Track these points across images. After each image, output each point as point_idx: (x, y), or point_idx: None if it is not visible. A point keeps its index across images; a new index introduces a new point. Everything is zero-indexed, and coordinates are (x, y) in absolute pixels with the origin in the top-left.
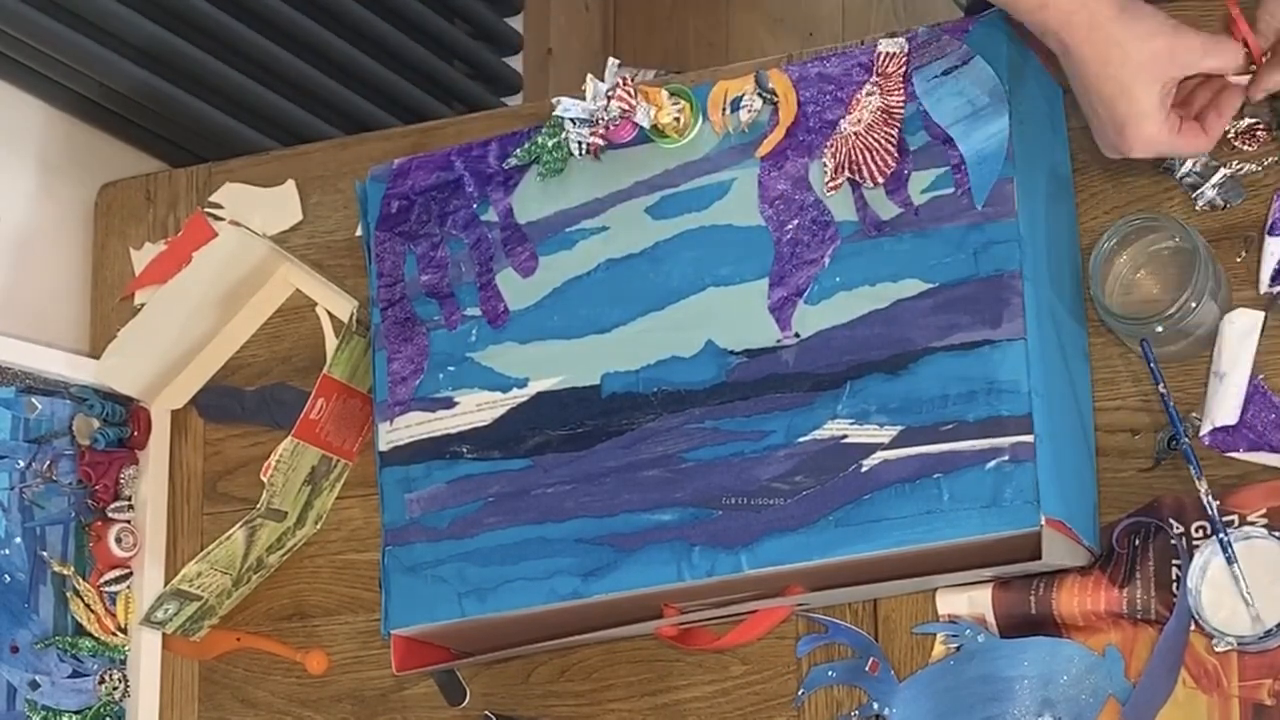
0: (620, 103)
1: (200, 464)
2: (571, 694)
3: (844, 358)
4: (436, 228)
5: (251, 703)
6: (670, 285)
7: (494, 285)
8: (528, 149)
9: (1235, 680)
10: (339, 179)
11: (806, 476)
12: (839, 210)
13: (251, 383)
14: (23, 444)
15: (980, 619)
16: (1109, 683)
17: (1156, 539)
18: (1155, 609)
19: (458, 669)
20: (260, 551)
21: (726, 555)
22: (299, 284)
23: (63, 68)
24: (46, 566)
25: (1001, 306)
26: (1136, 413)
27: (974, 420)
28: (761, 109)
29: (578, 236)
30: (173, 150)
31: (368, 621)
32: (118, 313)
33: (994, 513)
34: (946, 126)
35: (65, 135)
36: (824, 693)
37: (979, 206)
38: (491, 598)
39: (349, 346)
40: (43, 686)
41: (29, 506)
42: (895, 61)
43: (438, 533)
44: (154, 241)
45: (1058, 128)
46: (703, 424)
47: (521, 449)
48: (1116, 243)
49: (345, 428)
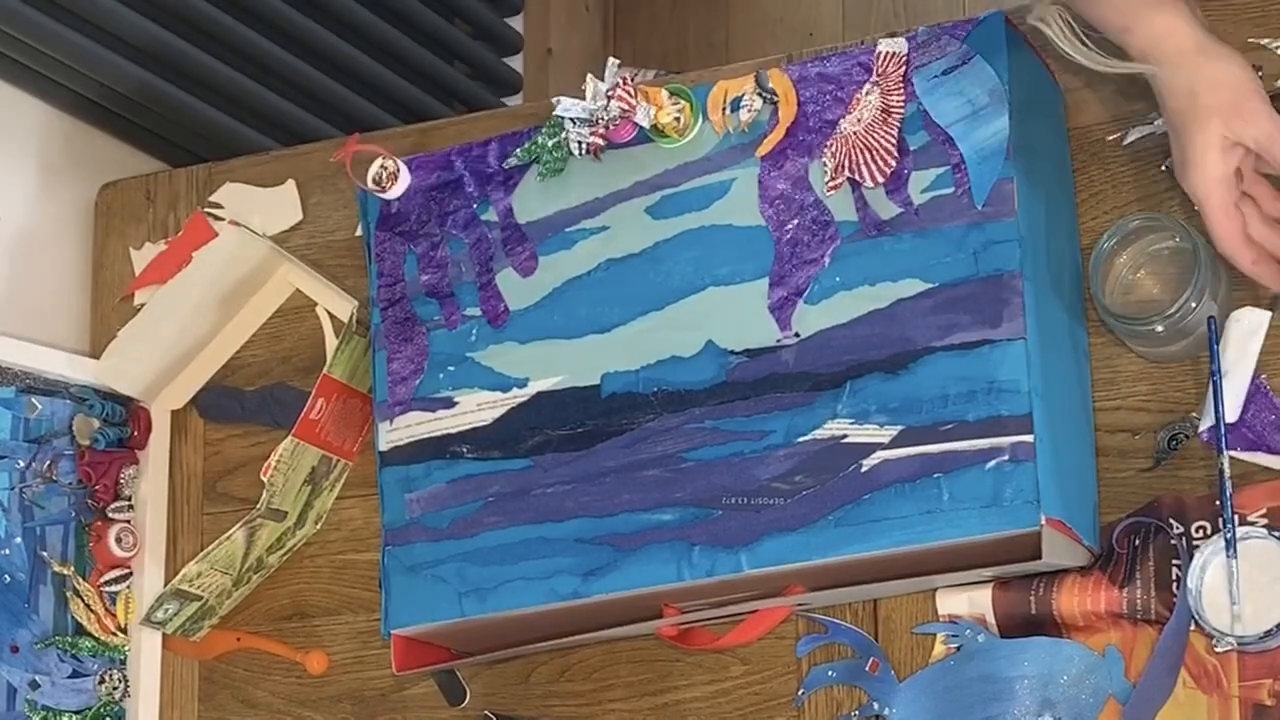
0: (620, 103)
1: (200, 464)
2: (571, 694)
3: (844, 357)
4: (436, 228)
5: (251, 703)
6: (670, 285)
7: (494, 285)
8: (528, 149)
9: (1235, 680)
10: (339, 179)
11: (806, 476)
12: (839, 210)
13: (251, 383)
14: (23, 444)
15: (980, 619)
16: (1109, 683)
17: (1156, 539)
18: (1155, 609)
19: (458, 669)
20: (260, 551)
21: (726, 555)
22: (299, 284)
23: (63, 68)
24: (46, 566)
25: (1001, 306)
26: (1136, 413)
27: (974, 420)
28: (761, 109)
29: (578, 236)
30: (173, 150)
31: (368, 621)
32: (118, 313)
33: (994, 513)
34: (946, 126)
35: (65, 135)
36: (824, 693)
37: (979, 206)
38: (491, 598)
39: (349, 346)
40: (43, 686)
41: (29, 506)
42: (895, 61)
43: (438, 532)
44: (154, 241)
45: (1058, 128)
46: (703, 424)
47: (521, 449)
48: (1116, 243)
49: (345, 428)
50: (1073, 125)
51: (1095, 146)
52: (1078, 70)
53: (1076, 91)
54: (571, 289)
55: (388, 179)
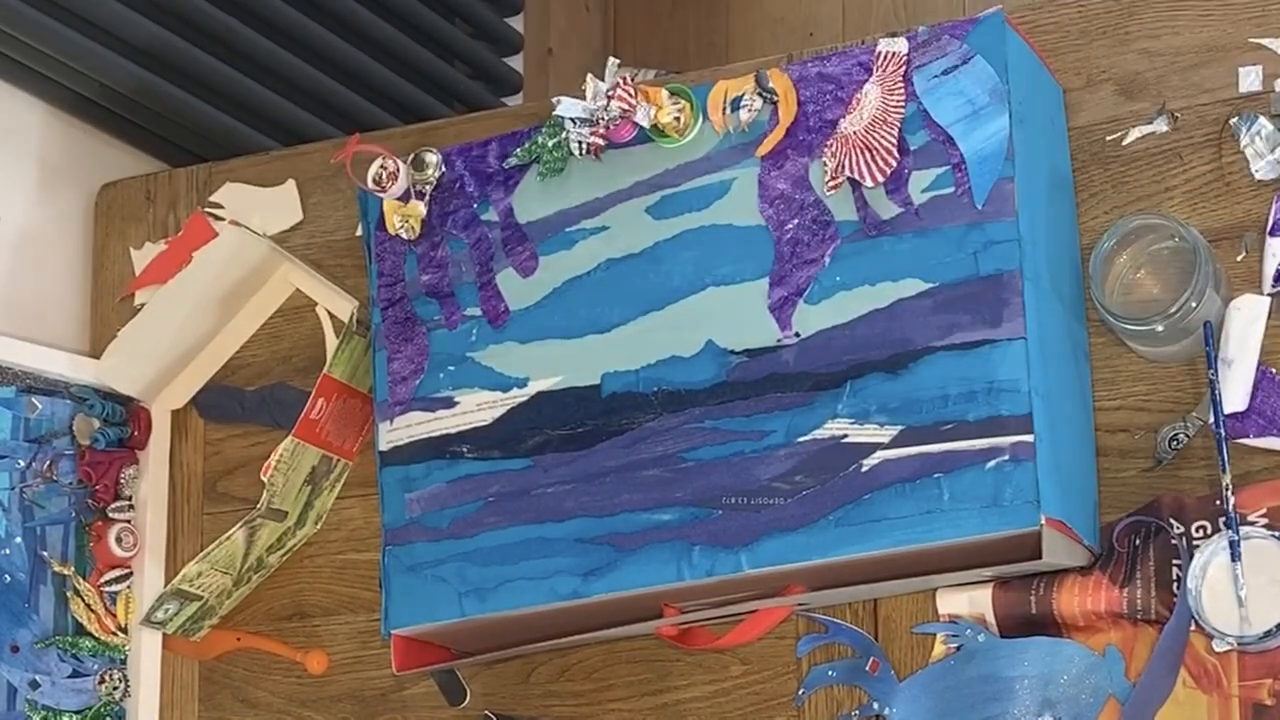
0: (620, 103)
1: (200, 464)
2: (571, 694)
3: (844, 357)
4: (436, 227)
5: (251, 703)
6: (670, 285)
7: (494, 285)
8: (528, 149)
9: (1235, 680)
10: (339, 179)
11: (807, 476)
12: (839, 210)
13: (251, 383)
14: (23, 444)
15: (980, 619)
16: (1109, 682)
17: (1156, 539)
18: (1155, 609)
19: (458, 669)
20: (260, 551)
21: (726, 555)
22: (299, 284)
23: (63, 68)
24: (47, 566)
25: (1001, 306)
26: (1136, 413)
27: (974, 420)
28: (762, 109)
29: (578, 236)
30: (173, 150)
31: (368, 621)
32: (118, 313)
33: (994, 512)
34: (946, 126)
35: (65, 135)
36: (824, 693)
37: (979, 206)
38: (491, 597)
39: (349, 346)
40: (43, 686)
41: (29, 506)
42: (895, 61)
43: (438, 532)
44: (154, 241)
45: (1058, 128)
46: (703, 424)
47: (521, 449)
48: (1116, 243)
49: (345, 428)
50: (1073, 125)
51: (1095, 146)
52: (1078, 70)
53: (1076, 91)
54: (572, 289)
55: (388, 179)
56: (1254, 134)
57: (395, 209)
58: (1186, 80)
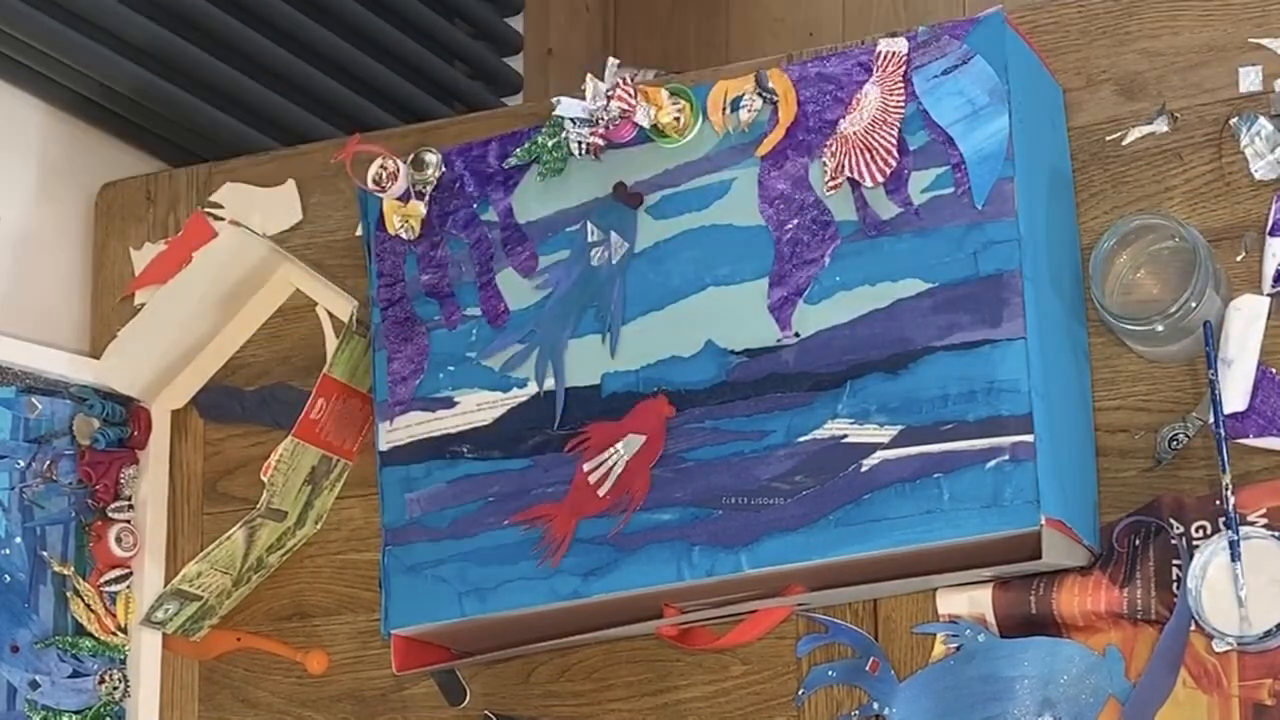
0: (620, 103)
1: (200, 464)
2: (571, 694)
3: (844, 357)
4: (436, 227)
5: (251, 703)
6: (670, 285)
7: (494, 285)
8: (528, 149)
9: (1235, 680)
10: (339, 179)
11: (806, 476)
12: (839, 210)
13: (251, 383)
14: (23, 444)
15: (980, 619)
16: (1109, 683)
17: (1156, 539)
18: (1155, 609)
19: (458, 669)
20: (260, 551)
21: (726, 555)
22: (299, 284)
23: (63, 68)
24: (46, 566)
25: (1001, 306)
26: (1136, 413)
27: (974, 420)
28: (761, 109)
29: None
30: (173, 150)
31: (368, 621)
32: (118, 313)
33: (994, 512)
34: (946, 126)
35: (65, 135)
36: (824, 693)
37: (979, 206)
38: (491, 597)
39: (349, 346)
40: (43, 686)
41: (29, 506)
42: (895, 61)
43: (438, 532)
44: (154, 241)
45: (1058, 128)
46: (703, 424)
47: (521, 449)
48: (1116, 243)
49: (345, 428)
50: (1073, 125)
51: (1095, 146)
52: (1078, 70)
53: (1076, 91)
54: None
55: (388, 179)
56: (1254, 134)
57: (395, 209)
58: (1186, 80)
